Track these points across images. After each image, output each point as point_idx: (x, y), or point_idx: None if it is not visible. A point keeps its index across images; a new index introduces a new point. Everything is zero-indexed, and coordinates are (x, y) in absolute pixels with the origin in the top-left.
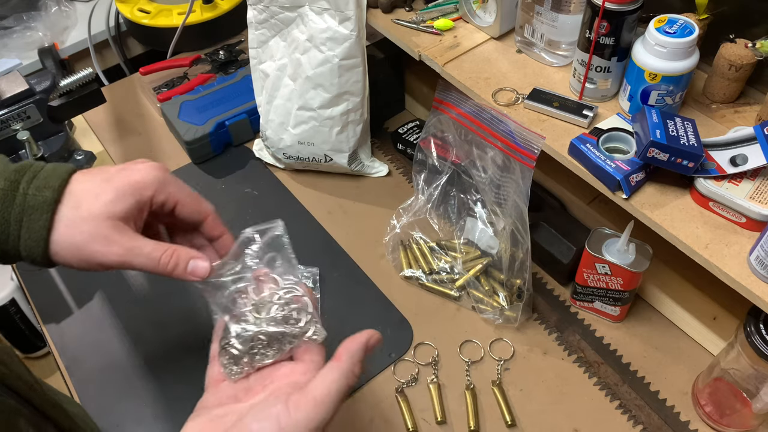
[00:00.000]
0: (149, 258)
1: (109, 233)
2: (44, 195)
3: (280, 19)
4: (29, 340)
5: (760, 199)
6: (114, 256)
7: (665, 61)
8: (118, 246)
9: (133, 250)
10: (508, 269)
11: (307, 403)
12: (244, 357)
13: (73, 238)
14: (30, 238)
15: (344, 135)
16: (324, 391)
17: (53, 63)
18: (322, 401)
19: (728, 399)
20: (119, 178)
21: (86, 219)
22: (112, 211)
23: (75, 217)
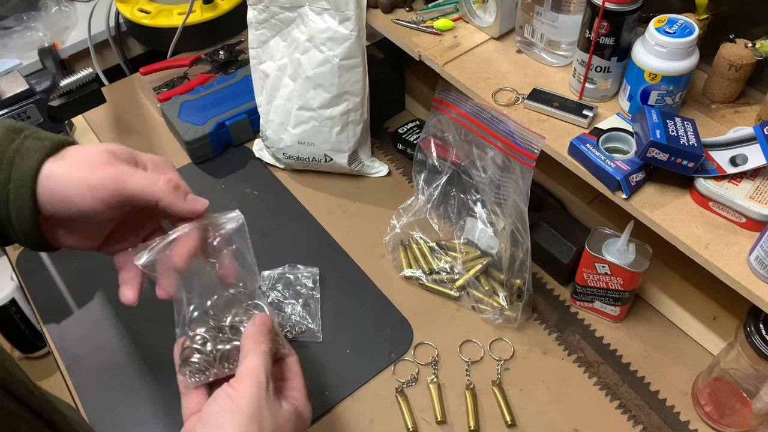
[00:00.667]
0: (147, 180)
1: (104, 158)
2: (42, 143)
3: (280, 19)
4: (29, 340)
5: (760, 199)
6: (107, 175)
7: (665, 61)
8: (112, 167)
9: (127, 171)
10: (508, 269)
11: (240, 377)
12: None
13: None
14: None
15: (344, 135)
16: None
17: (53, 63)
18: (250, 369)
19: (728, 399)
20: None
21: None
22: (108, 148)
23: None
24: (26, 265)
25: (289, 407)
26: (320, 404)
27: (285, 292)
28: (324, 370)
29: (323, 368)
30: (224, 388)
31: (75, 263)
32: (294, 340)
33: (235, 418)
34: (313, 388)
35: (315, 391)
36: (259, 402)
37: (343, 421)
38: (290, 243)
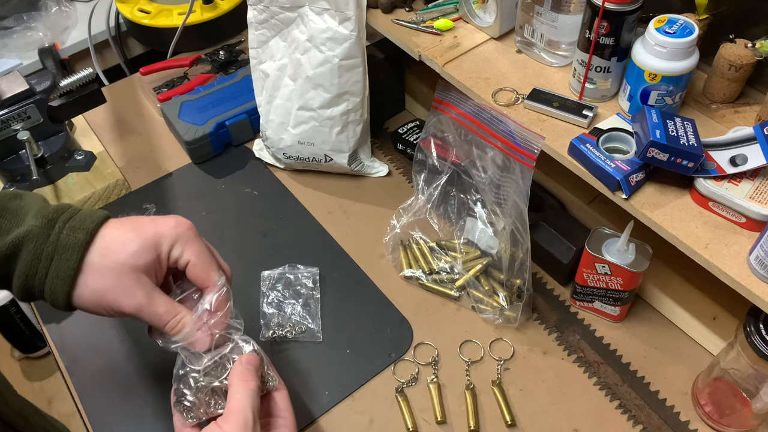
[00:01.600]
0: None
1: (131, 285)
2: (77, 236)
3: (280, 20)
4: (29, 340)
5: (760, 199)
6: (131, 307)
7: (665, 61)
8: (135, 300)
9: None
10: (508, 269)
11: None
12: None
13: (97, 284)
14: (57, 276)
15: (344, 135)
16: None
17: (53, 63)
18: (237, 409)
19: (728, 399)
20: (146, 228)
21: (112, 268)
22: (135, 263)
23: (102, 264)
24: None
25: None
26: (320, 404)
27: (285, 292)
28: (324, 370)
29: (323, 368)
30: (211, 427)
31: None
32: (294, 340)
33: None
34: (313, 388)
35: (315, 391)
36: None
37: (343, 421)
38: (290, 243)
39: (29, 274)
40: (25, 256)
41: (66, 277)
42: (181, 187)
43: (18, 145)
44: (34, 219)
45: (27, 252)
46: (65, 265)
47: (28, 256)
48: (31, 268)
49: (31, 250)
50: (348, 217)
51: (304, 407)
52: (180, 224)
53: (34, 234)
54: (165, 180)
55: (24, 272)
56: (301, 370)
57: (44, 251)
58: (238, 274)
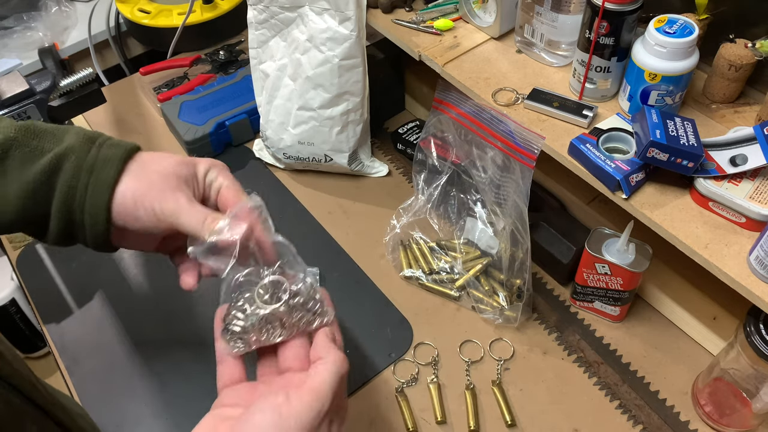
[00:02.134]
0: (197, 220)
1: (171, 186)
2: (117, 151)
3: (280, 20)
4: (29, 340)
5: (760, 199)
6: (171, 208)
7: (665, 61)
8: (175, 201)
9: (188, 210)
10: (508, 269)
11: (304, 393)
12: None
13: (137, 188)
14: (98, 184)
15: (344, 135)
16: (319, 380)
17: (53, 63)
18: (319, 389)
19: (728, 399)
20: (180, 156)
21: (153, 171)
22: (176, 171)
23: (141, 171)
24: (26, 265)
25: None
26: None
27: None
28: None
29: None
30: (278, 397)
31: (75, 263)
32: None
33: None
34: None
35: None
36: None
37: None
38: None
39: (71, 185)
40: (68, 167)
41: (107, 184)
42: None
43: None
44: (74, 137)
45: (69, 164)
46: (107, 173)
47: (70, 167)
48: (74, 178)
49: (72, 162)
50: (348, 217)
51: None
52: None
53: (76, 148)
54: None
55: (66, 183)
56: None
57: (86, 163)
58: None
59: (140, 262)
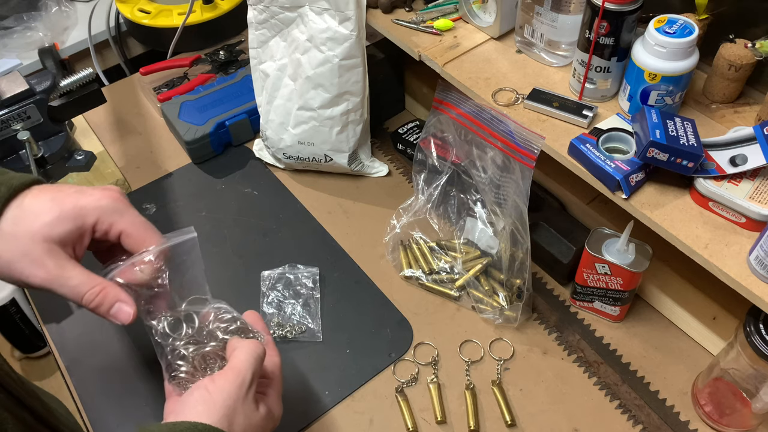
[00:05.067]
0: (74, 291)
1: (39, 255)
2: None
3: (280, 19)
4: (29, 340)
5: (760, 199)
6: (38, 279)
7: (665, 61)
8: (45, 270)
9: (59, 279)
10: (508, 269)
11: (225, 371)
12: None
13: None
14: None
15: (344, 135)
16: (236, 360)
17: (53, 63)
18: (237, 366)
19: (728, 399)
20: (68, 200)
21: (20, 237)
22: (48, 234)
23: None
24: None
25: (263, 409)
26: (320, 404)
27: (285, 292)
28: (324, 370)
29: (323, 368)
30: (204, 380)
31: None
32: (294, 340)
33: (207, 410)
34: (313, 388)
35: (315, 391)
36: (235, 401)
37: (343, 421)
38: (290, 243)
39: None
40: None
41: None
42: (181, 187)
43: (18, 145)
44: None
45: None
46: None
47: None
48: None
49: None
50: (348, 217)
51: (304, 407)
52: (106, 196)
53: None
54: (165, 180)
55: None
56: (301, 370)
57: None
58: (239, 274)
59: None
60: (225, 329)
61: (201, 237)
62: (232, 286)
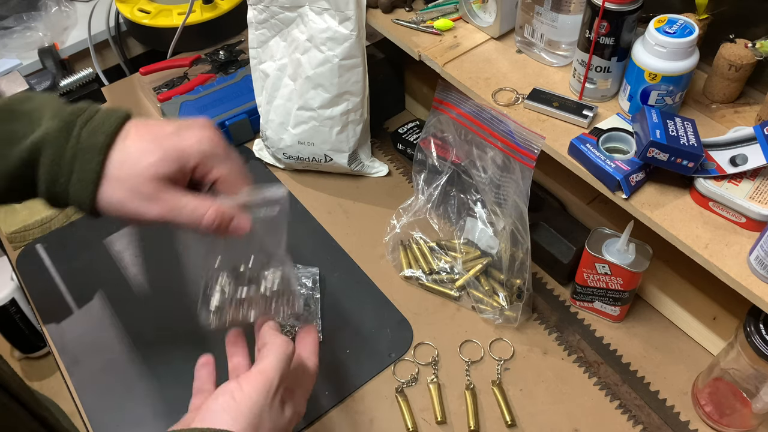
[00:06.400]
0: (192, 215)
1: (151, 192)
2: (97, 139)
3: (280, 19)
4: (29, 340)
5: (760, 199)
6: (154, 213)
7: (665, 61)
8: (159, 204)
9: (174, 209)
10: (508, 269)
11: (252, 376)
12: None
13: (115, 194)
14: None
15: (344, 135)
16: (265, 362)
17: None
18: (265, 370)
19: (728, 399)
20: (169, 141)
21: (129, 178)
22: (155, 173)
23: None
24: (26, 265)
25: (289, 412)
26: (320, 404)
27: None
28: (324, 370)
29: (323, 368)
30: (231, 384)
31: (75, 263)
32: None
33: (233, 419)
34: (313, 388)
35: (315, 391)
36: (261, 408)
37: (343, 421)
38: (290, 243)
39: (50, 180)
40: (46, 161)
41: (88, 182)
42: None
43: None
44: (50, 121)
45: (47, 157)
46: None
47: (47, 161)
48: (52, 174)
49: (50, 156)
50: (348, 217)
51: None
52: (205, 138)
53: (52, 137)
54: None
55: (46, 178)
56: None
57: (64, 156)
58: None
59: (140, 262)
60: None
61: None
62: None
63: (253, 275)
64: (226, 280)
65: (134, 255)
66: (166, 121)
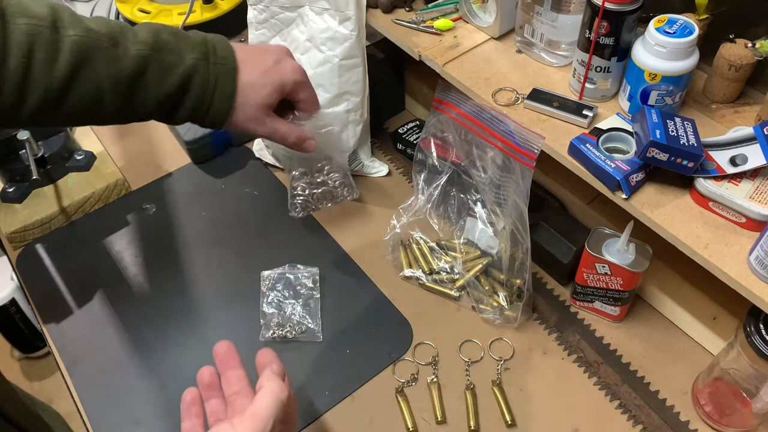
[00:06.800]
0: (284, 135)
1: (262, 118)
2: (228, 66)
3: (280, 19)
4: (29, 340)
5: (760, 199)
6: (262, 131)
7: (665, 61)
8: (265, 126)
9: (274, 131)
10: (508, 269)
11: (246, 418)
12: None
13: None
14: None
15: (344, 135)
16: (259, 405)
17: None
18: (259, 413)
19: (728, 399)
20: (275, 74)
21: (250, 106)
22: (266, 102)
23: (243, 103)
24: (26, 265)
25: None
26: (320, 404)
27: (285, 292)
28: (324, 370)
29: (323, 368)
30: (224, 426)
31: (75, 263)
32: (294, 340)
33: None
34: (313, 388)
35: (315, 391)
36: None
37: (343, 421)
38: (290, 243)
39: (199, 98)
40: (196, 84)
41: (228, 96)
42: (181, 187)
43: (18, 145)
44: (192, 53)
45: (196, 81)
46: (227, 87)
47: (197, 83)
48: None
49: (199, 79)
50: (348, 217)
51: (304, 407)
52: (297, 70)
53: (199, 66)
54: (165, 180)
55: (195, 98)
56: (301, 370)
57: (209, 80)
58: (239, 274)
59: (140, 262)
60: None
61: (200, 237)
62: (232, 286)
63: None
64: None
65: (134, 255)
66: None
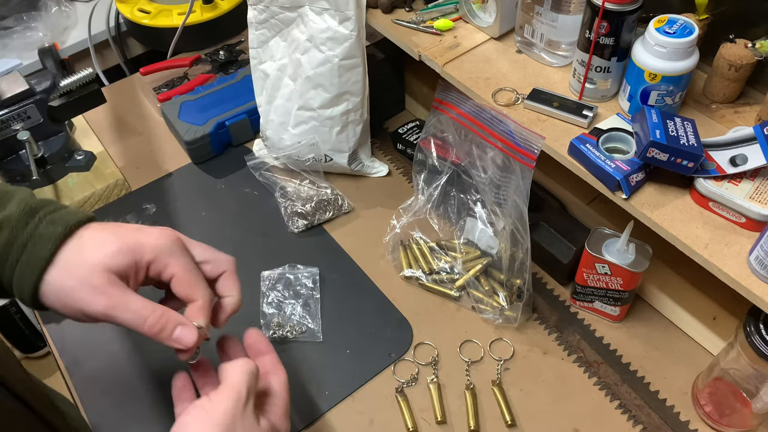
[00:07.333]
0: (136, 315)
1: (100, 284)
2: (55, 229)
3: (280, 19)
4: (29, 340)
5: (760, 199)
6: (100, 306)
7: (665, 61)
8: (106, 297)
9: (120, 305)
10: (508, 269)
11: (221, 389)
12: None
13: (64, 281)
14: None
15: (344, 135)
16: (230, 377)
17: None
18: (232, 383)
19: (728, 399)
20: (129, 235)
21: (82, 266)
22: (109, 264)
23: (72, 261)
24: None
25: (266, 424)
26: (320, 404)
27: (285, 292)
28: (324, 370)
29: (323, 368)
30: (201, 399)
31: None
32: (294, 340)
33: (205, 428)
34: (313, 388)
35: (315, 391)
36: (233, 416)
37: (343, 421)
38: (290, 243)
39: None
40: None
41: (35, 266)
42: (181, 187)
43: (18, 145)
44: (15, 205)
45: (1, 237)
46: (37, 254)
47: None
48: (3, 254)
49: (5, 237)
50: (348, 217)
51: (304, 407)
52: (164, 236)
53: (13, 219)
54: (165, 180)
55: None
56: (301, 370)
57: (19, 239)
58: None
59: None
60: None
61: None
62: None
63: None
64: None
65: None
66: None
